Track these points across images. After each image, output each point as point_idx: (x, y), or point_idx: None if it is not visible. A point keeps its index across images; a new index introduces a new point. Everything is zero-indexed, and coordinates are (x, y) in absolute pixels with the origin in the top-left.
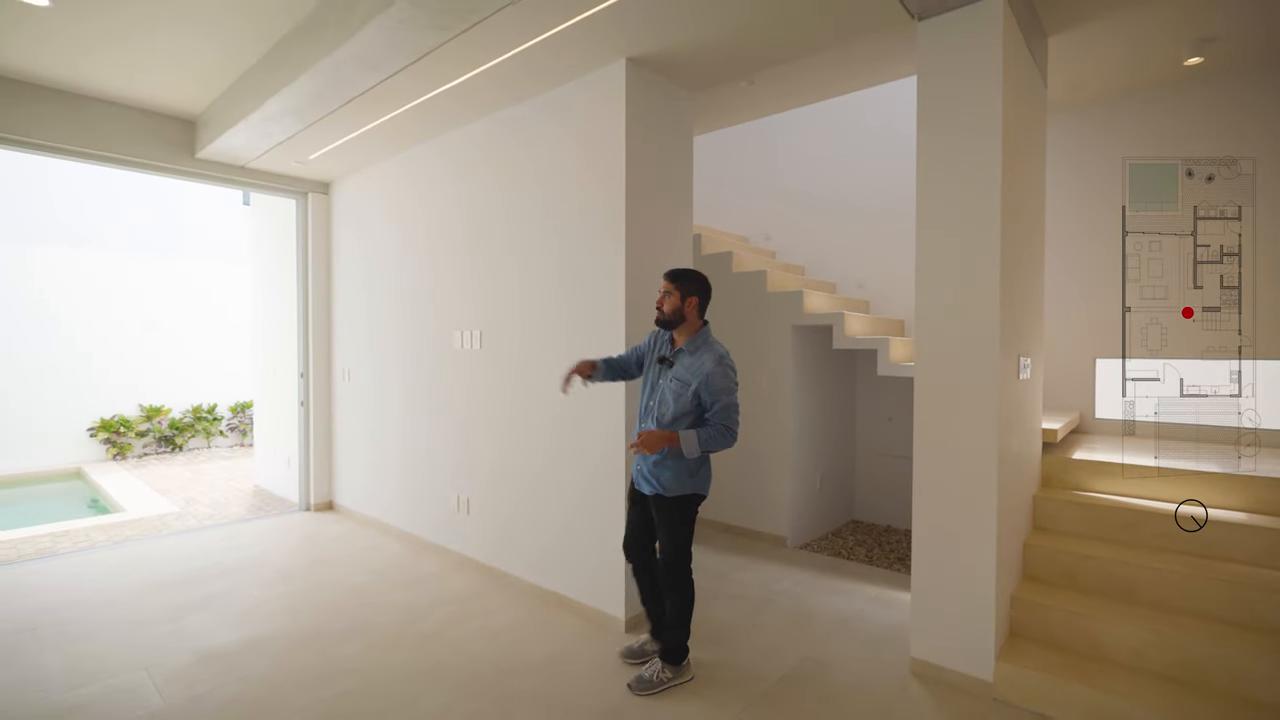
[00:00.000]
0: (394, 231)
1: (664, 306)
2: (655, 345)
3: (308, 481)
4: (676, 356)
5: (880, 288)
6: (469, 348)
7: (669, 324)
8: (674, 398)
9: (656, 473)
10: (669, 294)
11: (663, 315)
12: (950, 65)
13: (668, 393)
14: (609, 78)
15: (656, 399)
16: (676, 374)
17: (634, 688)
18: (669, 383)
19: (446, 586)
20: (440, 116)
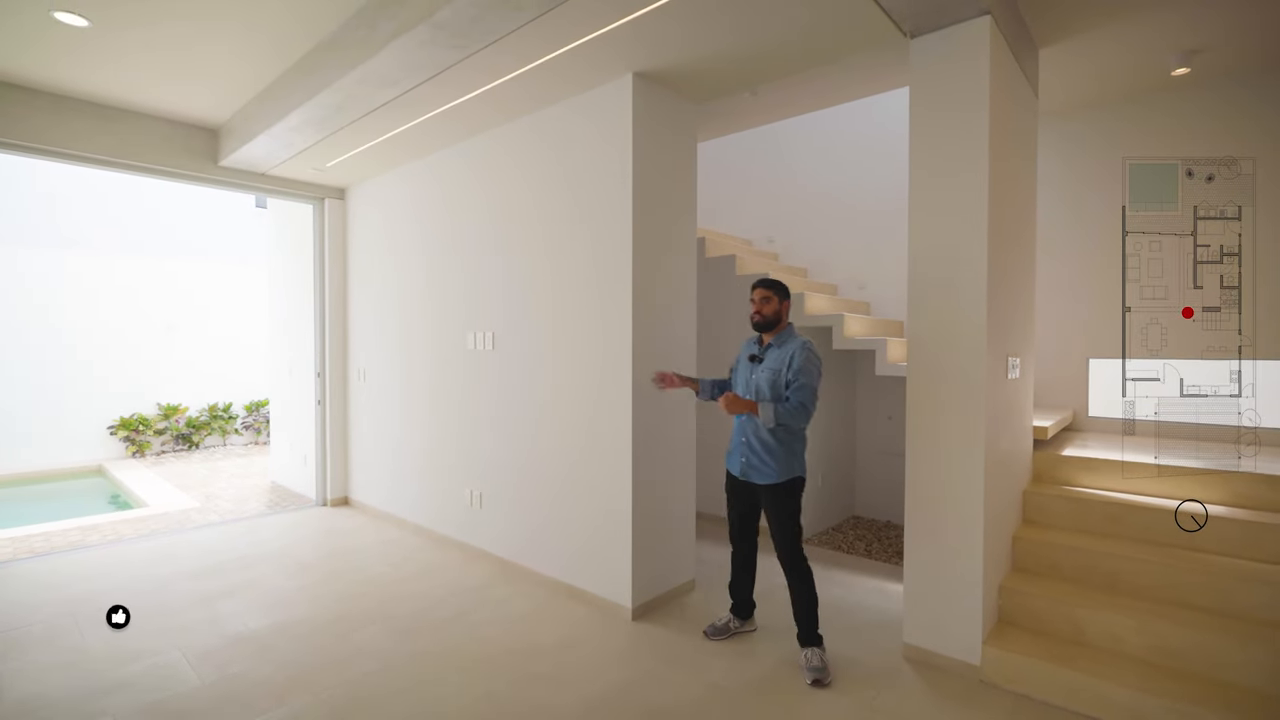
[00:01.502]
0: (407, 236)
1: (765, 310)
2: (743, 350)
3: (324, 478)
4: (766, 352)
5: (881, 289)
6: (482, 348)
7: (769, 325)
8: (769, 386)
9: (767, 461)
10: (768, 300)
11: (764, 318)
12: (940, 79)
13: (763, 383)
14: (616, 92)
15: (753, 390)
16: (768, 365)
17: (821, 681)
18: (762, 374)
19: (461, 577)
20: (451, 129)
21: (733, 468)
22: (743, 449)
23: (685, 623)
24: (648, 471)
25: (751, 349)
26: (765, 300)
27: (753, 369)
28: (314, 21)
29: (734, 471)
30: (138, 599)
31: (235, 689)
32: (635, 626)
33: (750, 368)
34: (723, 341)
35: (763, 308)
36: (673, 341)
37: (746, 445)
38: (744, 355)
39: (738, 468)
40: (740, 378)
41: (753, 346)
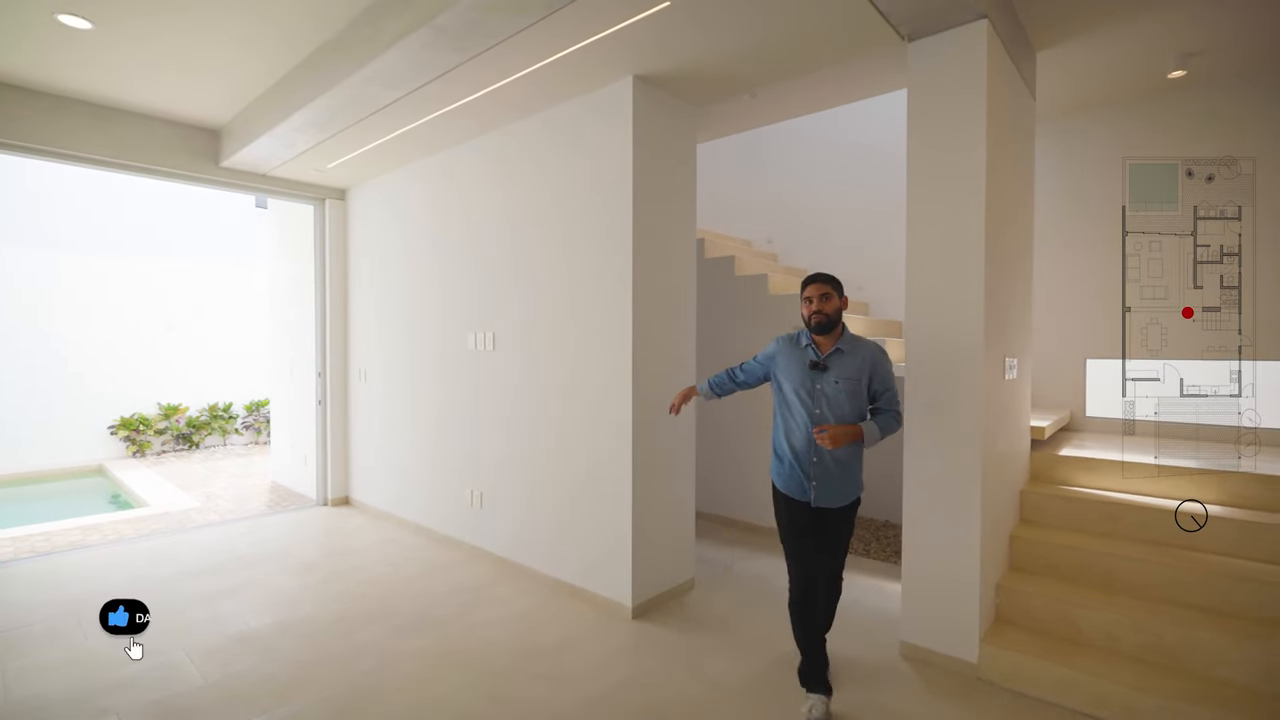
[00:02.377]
0: (406, 236)
1: (827, 309)
2: (788, 354)
3: (325, 477)
4: (831, 359)
5: (879, 289)
6: (483, 348)
7: (831, 326)
8: (849, 398)
9: (843, 482)
10: (828, 297)
11: (826, 317)
12: (938, 83)
13: (839, 395)
14: (616, 94)
15: (823, 405)
16: (842, 374)
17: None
18: (833, 385)
19: (461, 576)
20: (451, 131)
21: (798, 493)
22: (816, 471)
23: (685, 622)
24: (648, 470)
25: (807, 354)
26: (825, 298)
27: (816, 378)
28: (317, 23)
29: (800, 497)
30: (138, 598)
31: (238, 687)
32: (635, 625)
33: (810, 376)
34: (721, 341)
35: (823, 305)
36: (673, 341)
37: (820, 467)
38: (789, 358)
39: (809, 493)
40: (795, 387)
41: (806, 351)
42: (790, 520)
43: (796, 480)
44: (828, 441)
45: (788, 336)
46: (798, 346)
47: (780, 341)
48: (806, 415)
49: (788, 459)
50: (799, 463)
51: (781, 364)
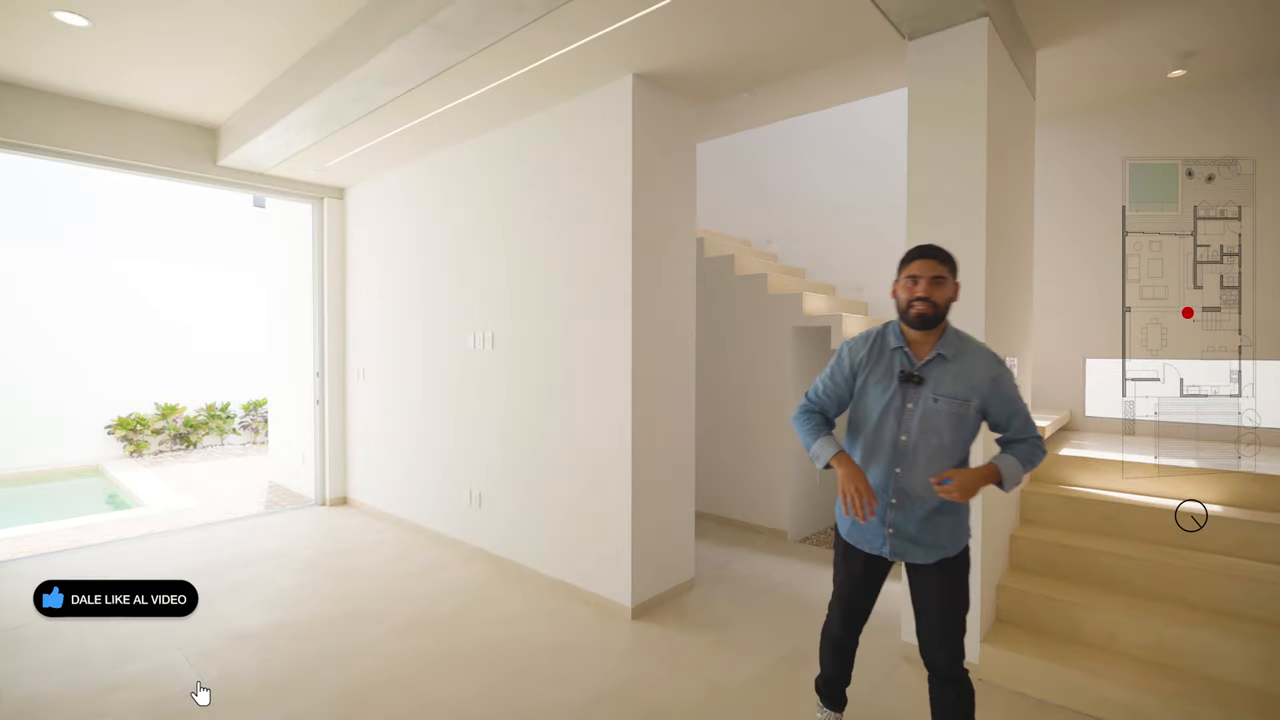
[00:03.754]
0: (406, 235)
1: (937, 297)
2: (869, 361)
3: (323, 477)
4: (929, 368)
5: (879, 289)
6: (482, 348)
7: (936, 320)
8: (952, 422)
9: (933, 532)
10: (941, 281)
11: (934, 309)
12: (938, 81)
13: (939, 418)
14: (616, 92)
15: (913, 429)
16: (945, 390)
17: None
18: (933, 404)
19: (460, 576)
20: (451, 129)
21: (869, 544)
22: (895, 517)
23: (685, 622)
24: (647, 470)
25: (895, 360)
26: (938, 282)
27: (908, 394)
28: (316, 21)
29: (870, 548)
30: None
31: (236, 688)
32: (635, 625)
33: (899, 393)
34: (720, 341)
35: (933, 292)
36: (673, 342)
37: (901, 512)
38: (871, 365)
39: (882, 546)
40: (866, 398)
41: (894, 356)
42: (849, 570)
43: (868, 528)
44: (956, 494)
45: (864, 336)
46: (883, 348)
47: (854, 344)
48: (890, 445)
49: (850, 499)
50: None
51: (867, 372)
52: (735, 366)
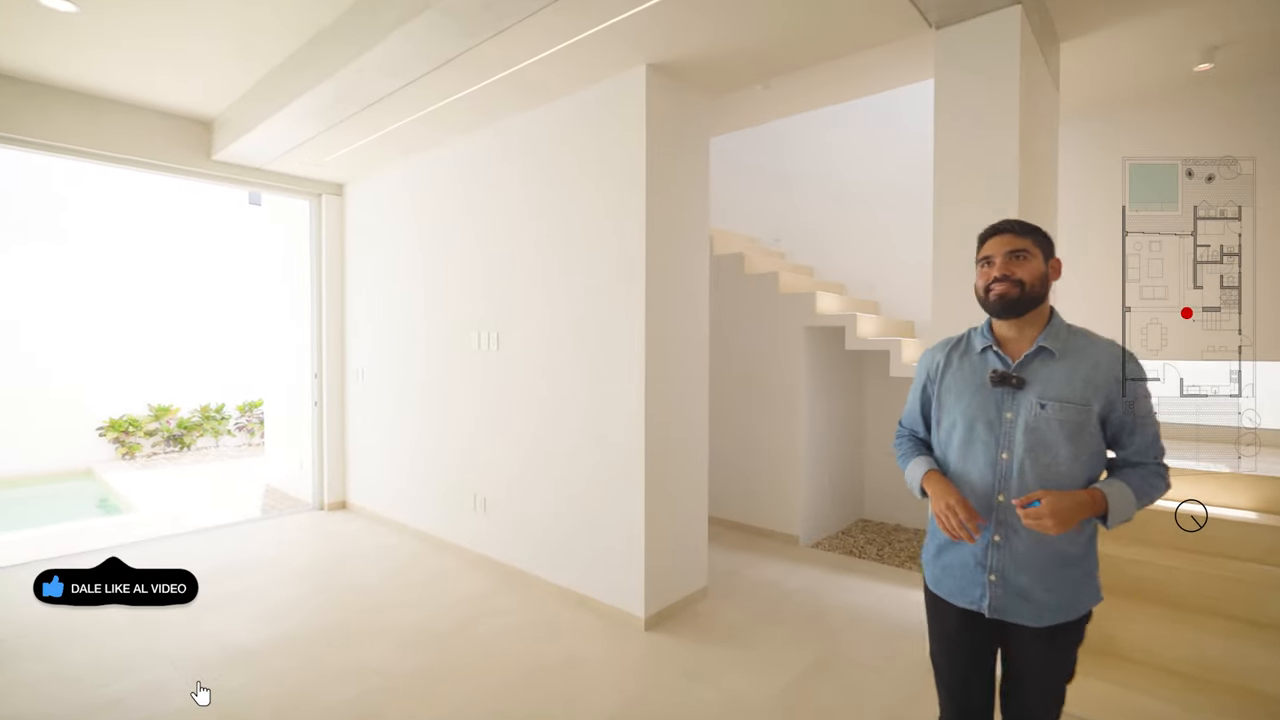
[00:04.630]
0: (407, 232)
1: (1019, 274)
2: (947, 366)
3: (321, 480)
4: (1030, 367)
5: (889, 289)
6: (487, 348)
7: (1025, 305)
8: (1065, 433)
9: (1052, 585)
10: (1023, 255)
11: (1020, 290)
12: (968, 72)
13: (1050, 429)
14: (629, 83)
15: (1016, 445)
16: (1055, 392)
17: None
18: (1040, 411)
19: (464, 584)
20: (460, 120)
21: (962, 596)
22: (999, 560)
23: (700, 632)
24: (660, 474)
25: (984, 362)
26: (1018, 257)
27: (1004, 402)
28: (315, 7)
29: (964, 601)
30: (126, 609)
31: (231, 707)
32: (649, 637)
33: (994, 398)
34: (729, 341)
35: (1013, 267)
36: (686, 343)
37: (1007, 553)
38: (955, 371)
39: (981, 598)
40: (952, 410)
41: (986, 356)
42: (942, 632)
43: (961, 572)
44: (1046, 521)
45: (945, 340)
46: (968, 351)
47: (931, 350)
48: (987, 466)
49: (948, 545)
50: (956, 550)
51: (945, 381)
52: (744, 367)
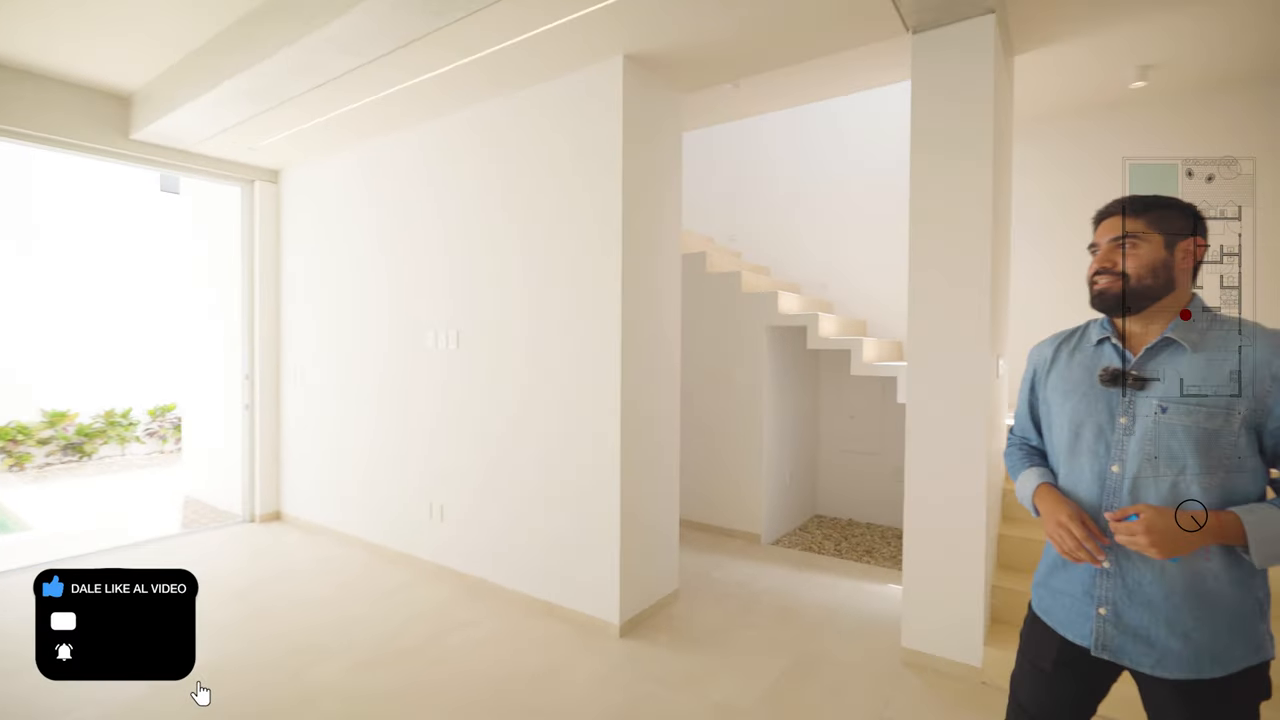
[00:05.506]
0: (360, 223)
1: (1131, 267)
2: (1056, 361)
3: (252, 490)
4: (1154, 361)
5: (841, 288)
6: (444, 347)
7: (1139, 300)
8: (1201, 442)
9: (1171, 621)
10: (1133, 240)
11: (1121, 286)
12: (945, 76)
13: (1175, 438)
14: (605, 74)
15: (1130, 456)
16: (1181, 394)
17: None
18: (1161, 416)
19: (423, 597)
20: (420, 105)
21: (1070, 630)
22: (1109, 590)
23: (677, 637)
24: (636, 475)
25: (1101, 355)
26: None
27: (1117, 405)
28: None
29: (1071, 634)
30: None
31: None
32: (625, 644)
33: (1106, 400)
34: (691, 342)
35: (1113, 257)
36: (661, 339)
37: (1118, 582)
38: (1064, 369)
39: (1088, 631)
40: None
41: (1101, 350)
42: (1037, 661)
43: (1071, 601)
44: (1141, 539)
45: (1060, 333)
46: (1081, 344)
47: (1043, 346)
48: (1094, 479)
49: (1055, 554)
50: (1074, 565)
51: (1052, 379)
52: (708, 366)
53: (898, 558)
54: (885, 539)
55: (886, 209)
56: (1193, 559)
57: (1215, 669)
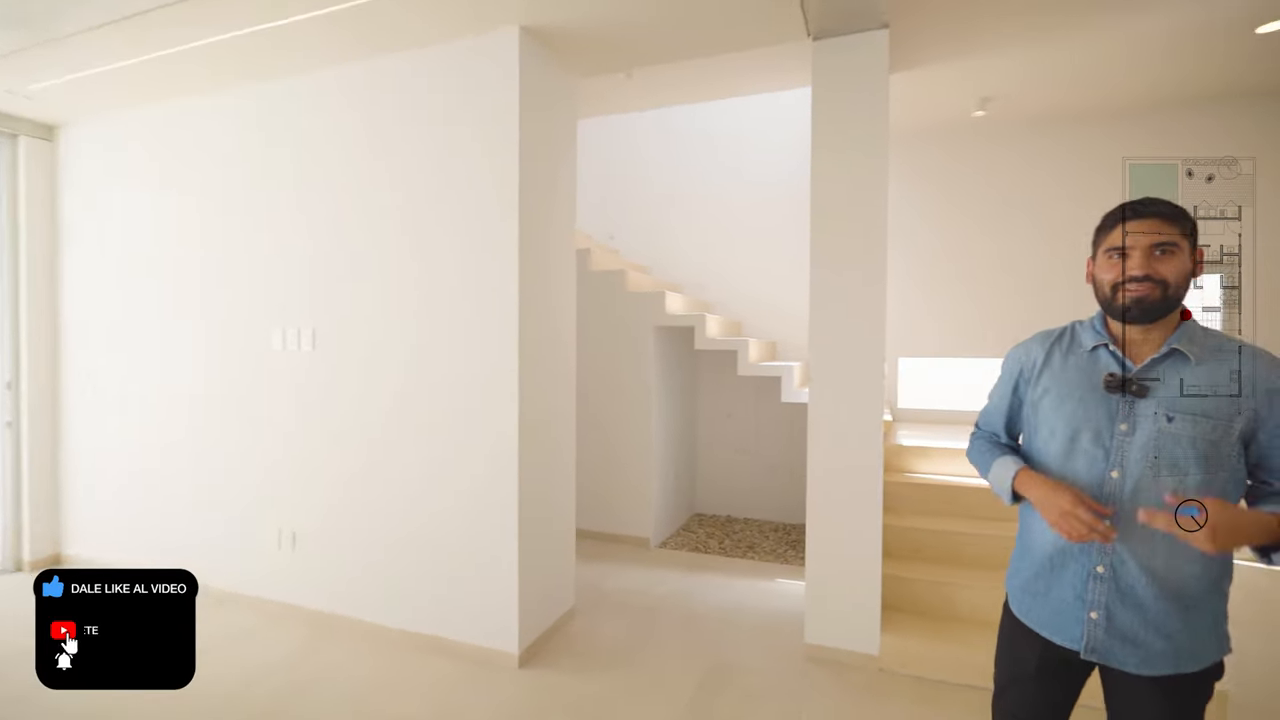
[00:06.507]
0: (179, 200)
1: (1161, 273)
2: (1047, 365)
3: (19, 529)
4: (1158, 371)
5: (721, 290)
6: (296, 349)
7: (1165, 311)
8: (1203, 453)
9: (1159, 623)
10: (1171, 249)
11: (1163, 294)
12: (844, 83)
13: (1178, 447)
14: (499, 44)
15: (1131, 463)
16: (1188, 406)
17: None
18: (1165, 425)
19: (273, 644)
20: (265, 58)
21: (1057, 631)
22: (1102, 595)
23: (582, 661)
24: (535, 485)
25: (1096, 362)
26: (1166, 251)
27: (1119, 412)
28: None
29: (1058, 637)
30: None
31: None
32: (526, 676)
33: (1106, 407)
34: (579, 343)
35: (1154, 265)
36: (558, 338)
37: (1113, 586)
38: (1060, 372)
39: (1078, 635)
40: (1053, 417)
41: (1098, 356)
42: (1016, 666)
43: (1056, 603)
44: (1203, 535)
45: (1043, 335)
46: (1072, 348)
47: (1026, 344)
48: (1091, 483)
49: (1042, 559)
50: (1061, 569)
51: (1044, 382)
52: (592, 368)
53: (780, 552)
54: (764, 533)
55: (764, 214)
56: (1179, 564)
57: (1192, 665)
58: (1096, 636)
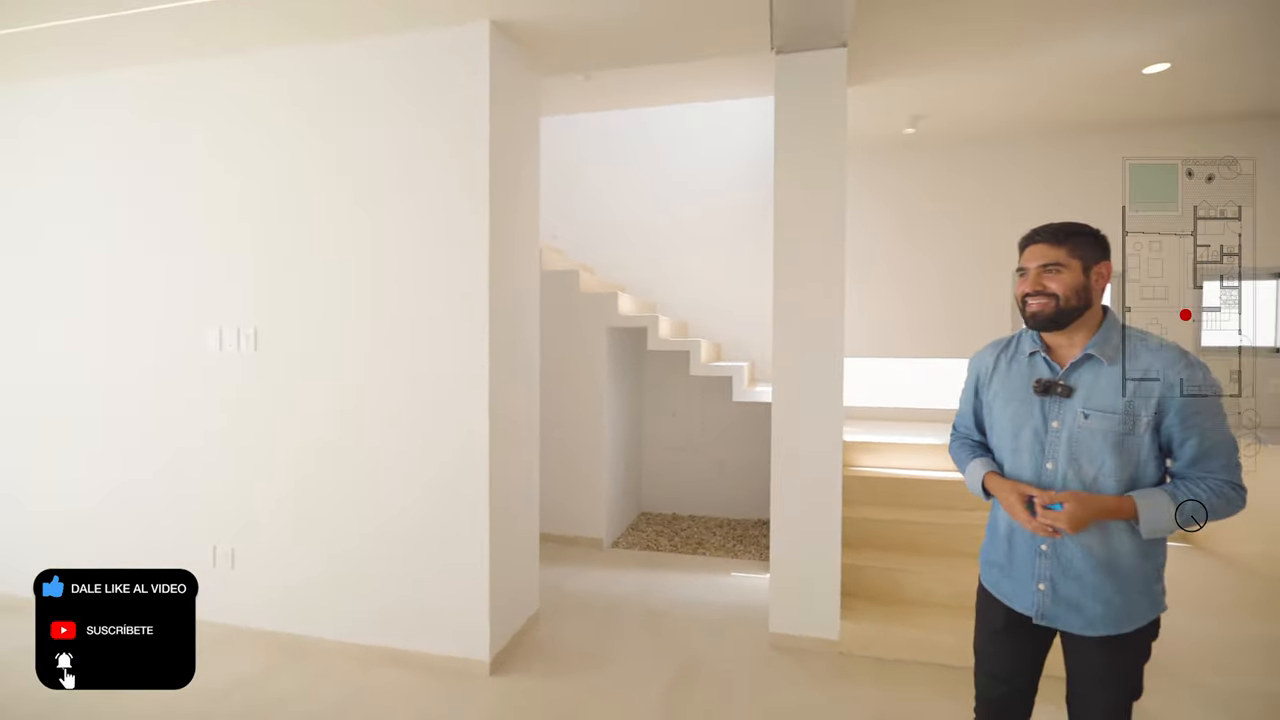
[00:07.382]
0: (91, 185)
1: (1052, 288)
2: (996, 369)
3: None
4: (1077, 374)
5: (665, 291)
6: (236, 350)
7: (1067, 318)
8: (1112, 443)
9: (1104, 593)
10: (1057, 268)
11: (1055, 306)
12: (805, 96)
13: (1094, 440)
14: (469, 37)
15: (1058, 457)
16: (1098, 402)
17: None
18: (1083, 421)
19: (219, 672)
20: (215, 31)
21: (1015, 599)
22: (1047, 569)
23: (552, 665)
24: (504, 487)
25: (1034, 366)
26: (1052, 271)
27: (1050, 410)
28: None
29: (1017, 605)
30: None
31: None
32: (498, 684)
33: (1040, 406)
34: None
35: (1043, 281)
36: (524, 341)
37: (1055, 562)
38: (1004, 376)
39: (1031, 603)
40: (1001, 417)
41: (1033, 361)
42: (989, 626)
43: (1015, 578)
44: (1064, 523)
45: (996, 342)
46: (1016, 355)
47: (982, 352)
48: (1034, 474)
49: (1002, 538)
50: (1016, 549)
51: (994, 386)
52: (545, 369)
53: (729, 547)
54: (710, 529)
55: (708, 219)
56: (1110, 540)
57: (1127, 625)
58: (1045, 604)
